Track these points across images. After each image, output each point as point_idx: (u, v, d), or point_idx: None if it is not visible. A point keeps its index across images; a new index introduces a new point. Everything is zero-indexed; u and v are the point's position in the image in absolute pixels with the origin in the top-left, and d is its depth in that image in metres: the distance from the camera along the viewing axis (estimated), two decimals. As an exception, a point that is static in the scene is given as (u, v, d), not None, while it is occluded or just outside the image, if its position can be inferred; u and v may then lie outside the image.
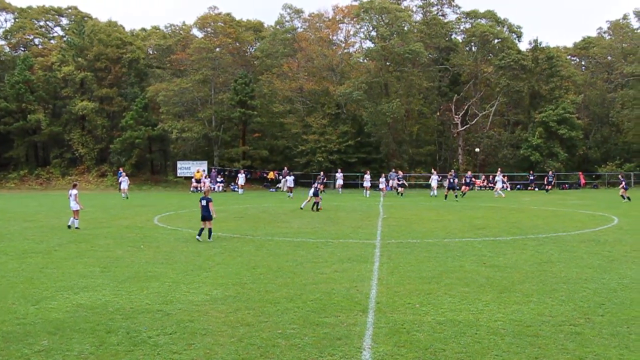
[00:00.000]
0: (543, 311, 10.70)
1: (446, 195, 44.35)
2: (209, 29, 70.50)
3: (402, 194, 48.54)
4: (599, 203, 39.29)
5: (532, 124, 67.06)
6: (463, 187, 47.32)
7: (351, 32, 72.64)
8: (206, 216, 20.20)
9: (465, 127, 68.41)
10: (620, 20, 75.37)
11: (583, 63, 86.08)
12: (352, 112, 68.73)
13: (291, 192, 48.26)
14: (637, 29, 74.77)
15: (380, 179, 49.91)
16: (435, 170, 55.02)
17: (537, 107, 67.58)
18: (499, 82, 67.19)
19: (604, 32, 79.91)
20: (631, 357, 8.28)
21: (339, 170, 57.63)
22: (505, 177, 55.24)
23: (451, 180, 44.39)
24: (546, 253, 17.30)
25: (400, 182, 50.82)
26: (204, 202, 20.32)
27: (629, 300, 11.43)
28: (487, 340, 9.03)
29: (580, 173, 65.75)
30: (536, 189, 59.96)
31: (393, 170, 58.18)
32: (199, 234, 20.25)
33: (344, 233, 22.49)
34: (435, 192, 48.84)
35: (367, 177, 51.73)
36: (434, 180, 49.92)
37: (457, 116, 68.09)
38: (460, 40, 73.13)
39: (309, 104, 69.01)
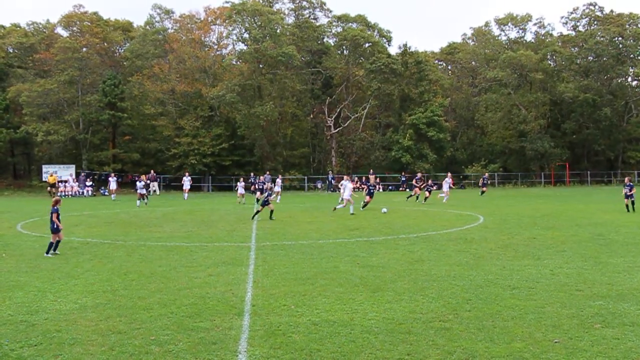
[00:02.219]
0: (414, 309, 11.02)
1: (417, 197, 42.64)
2: (74, 28, 68.12)
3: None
4: (465, 203, 40.98)
5: (402, 126, 69.04)
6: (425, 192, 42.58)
7: (224, 34, 72.25)
8: (52, 228, 18.14)
9: (338, 129, 69.54)
10: (483, 27, 78.98)
11: (449, 68, 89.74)
12: (226, 114, 68.27)
13: (143, 199, 42.09)
14: (498, 36, 78.67)
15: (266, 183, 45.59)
16: (347, 176, 45.33)
17: (407, 110, 69.69)
18: (371, 85, 68.82)
19: (468, 38, 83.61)
20: (496, 349, 8.68)
21: (187, 173, 54.12)
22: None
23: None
24: (417, 252, 17.84)
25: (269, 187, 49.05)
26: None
27: (493, 296, 11.98)
28: (361, 339, 9.20)
29: (448, 174, 68.24)
30: (407, 190, 61.67)
31: (267, 173, 58.26)
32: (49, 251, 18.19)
33: (219, 236, 22.31)
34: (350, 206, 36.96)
35: (347, 184, 35.93)
36: (347, 188, 35.69)
37: (330, 119, 69.12)
38: (332, 44, 74.27)
39: (181, 106, 67.99)
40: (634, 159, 74.39)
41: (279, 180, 48.42)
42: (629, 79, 79.20)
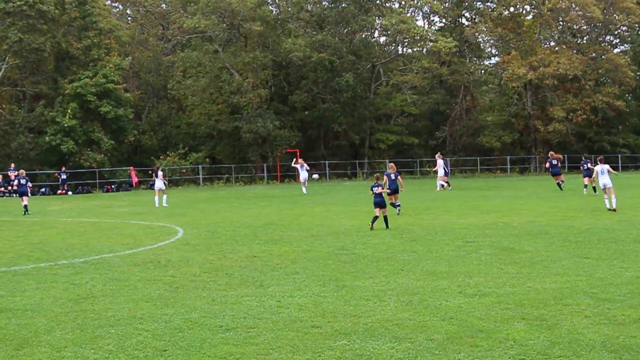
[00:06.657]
0: (80, 371, 10.83)
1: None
2: None
3: None
4: (159, 209, 41.22)
5: (60, 98, 67.77)
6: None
7: None
8: None
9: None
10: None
11: (129, 12, 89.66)
12: None
13: None
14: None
15: None
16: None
17: (68, 74, 68.65)
18: (7, 36, 66.56)
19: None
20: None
21: None
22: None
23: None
24: (85, 285, 17.57)
25: None
26: None
27: (199, 342, 12.08)
28: None
29: (131, 168, 68.26)
30: (69, 193, 60.73)
31: None
32: None
33: None
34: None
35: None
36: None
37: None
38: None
39: None
40: (385, 142, 78.97)
41: None
42: (376, 34, 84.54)
